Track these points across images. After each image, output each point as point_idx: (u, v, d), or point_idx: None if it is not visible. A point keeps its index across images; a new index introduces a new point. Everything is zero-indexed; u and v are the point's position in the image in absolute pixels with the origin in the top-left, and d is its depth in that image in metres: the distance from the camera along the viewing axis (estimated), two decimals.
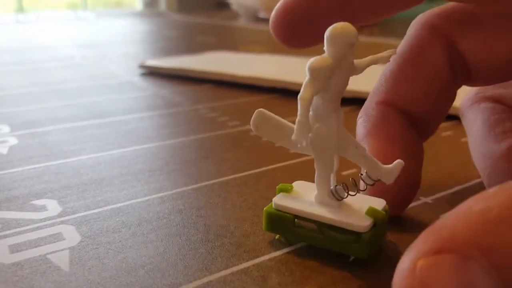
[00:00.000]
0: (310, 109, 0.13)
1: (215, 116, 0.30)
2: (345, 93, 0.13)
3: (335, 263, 0.14)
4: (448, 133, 0.26)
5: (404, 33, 0.17)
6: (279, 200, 0.14)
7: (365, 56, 0.14)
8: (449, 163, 0.22)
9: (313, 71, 0.12)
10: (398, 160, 0.14)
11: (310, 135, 0.13)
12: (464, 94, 0.19)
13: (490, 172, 0.17)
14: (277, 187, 0.15)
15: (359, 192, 0.14)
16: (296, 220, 0.14)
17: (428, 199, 0.18)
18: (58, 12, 1.36)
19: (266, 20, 0.95)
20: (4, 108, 0.31)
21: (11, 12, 1.42)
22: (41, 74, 0.43)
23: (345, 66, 0.12)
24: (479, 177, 0.20)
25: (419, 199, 0.18)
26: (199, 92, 0.37)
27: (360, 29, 0.15)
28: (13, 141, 0.25)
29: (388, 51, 0.13)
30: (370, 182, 0.14)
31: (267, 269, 0.14)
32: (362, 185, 0.14)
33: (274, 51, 0.51)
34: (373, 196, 0.15)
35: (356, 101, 0.33)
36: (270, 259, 0.14)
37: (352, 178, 0.14)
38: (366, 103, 0.17)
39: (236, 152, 0.23)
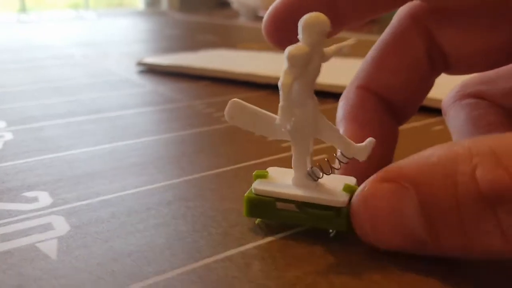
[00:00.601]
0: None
1: (211, 111, 0.30)
2: (335, 89, 0.14)
3: (318, 251, 0.14)
4: (439, 127, 0.26)
5: None
6: (258, 185, 0.15)
7: (365, 53, 0.14)
8: None
9: (291, 58, 0.13)
10: (369, 138, 0.14)
11: (293, 119, 0.13)
12: (447, 89, 0.19)
13: None
14: (253, 174, 0.15)
15: (333, 172, 0.15)
16: (276, 202, 0.15)
17: None
18: (60, 12, 1.37)
19: None
20: (2, 105, 0.32)
21: (13, 11, 1.43)
22: (40, 72, 0.44)
23: (318, 53, 0.13)
24: None
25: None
26: (196, 88, 0.37)
27: (360, 28, 0.16)
28: (8, 136, 0.25)
29: (350, 39, 0.14)
30: (345, 160, 0.14)
31: (251, 256, 0.14)
32: (337, 164, 0.15)
33: (273, 49, 0.51)
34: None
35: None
36: (254, 247, 0.14)
37: (326, 159, 0.15)
38: (347, 87, 0.18)
39: (229, 146, 0.24)
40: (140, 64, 0.44)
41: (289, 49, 0.12)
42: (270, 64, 0.41)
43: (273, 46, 0.16)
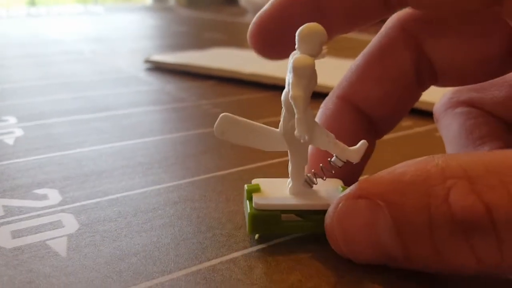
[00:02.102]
0: (283, 107, 0.14)
1: (217, 112, 0.31)
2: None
3: (321, 255, 0.14)
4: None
5: None
6: (259, 201, 0.15)
7: None
8: None
9: (300, 69, 0.13)
10: (362, 141, 0.14)
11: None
12: (440, 96, 0.19)
13: None
14: (246, 189, 0.15)
15: (328, 177, 0.15)
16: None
17: None
18: (69, 6, 1.38)
19: None
20: (12, 100, 0.32)
21: (23, 5, 1.44)
22: (50, 67, 0.44)
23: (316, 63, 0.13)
24: None
25: None
26: (203, 88, 0.37)
27: (366, 28, 0.16)
28: (19, 132, 0.26)
29: (324, 47, 0.14)
30: (340, 163, 0.15)
31: (254, 259, 0.14)
32: (327, 170, 0.15)
33: None
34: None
35: None
36: (258, 250, 0.15)
37: (320, 165, 0.15)
38: (329, 95, 0.17)
39: (235, 148, 0.24)
40: (147, 61, 0.44)
41: (295, 61, 0.13)
42: (277, 64, 0.42)
43: (258, 55, 0.16)
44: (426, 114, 0.29)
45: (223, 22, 0.93)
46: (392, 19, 0.17)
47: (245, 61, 0.44)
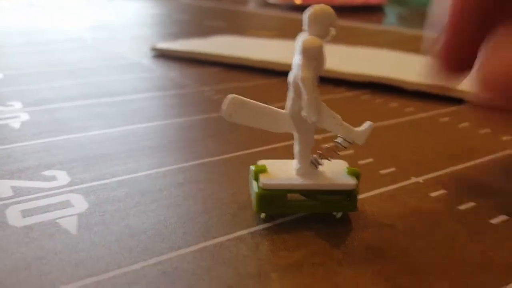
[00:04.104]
0: (291, 88, 0.14)
1: (221, 98, 0.31)
2: (361, 78, 0.14)
3: (325, 233, 0.15)
4: (446, 119, 0.27)
5: (418, 21, 0.17)
6: (266, 181, 0.15)
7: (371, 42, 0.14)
8: (445, 146, 0.23)
9: (309, 51, 0.13)
10: (368, 122, 0.15)
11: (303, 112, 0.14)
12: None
13: None
14: (253, 170, 0.15)
15: (334, 158, 0.16)
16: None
17: (420, 179, 0.19)
18: None
19: (275, 6, 0.95)
20: (17, 86, 0.32)
21: None
22: (53, 54, 0.44)
23: (325, 45, 0.13)
24: (472, 159, 0.21)
25: (409, 179, 0.19)
26: (207, 74, 0.38)
27: (369, 17, 0.16)
28: (25, 116, 0.26)
29: (332, 29, 0.14)
30: (346, 144, 0.15)
31: (260, 237, 0.15)
32: (333, 151, 0.15)
33: (283, 37, 0.51)
34: None
35: (371, 86, 0.34)
36: (264, 229, 0.15)
37: (326, 145, 0.15)
38: None
39: (239, 132, 0.24)
40: (153, 49, 0.44)
41: (303, 42, 0.13)
42: (281, 51, 0.42)
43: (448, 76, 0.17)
44: (431, 98, 0.30)
45: (225, 10, 0.93)
46: None
47: (248, 48, 0.44)
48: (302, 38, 0.13)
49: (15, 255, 0.14)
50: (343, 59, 0.38)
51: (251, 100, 0.15)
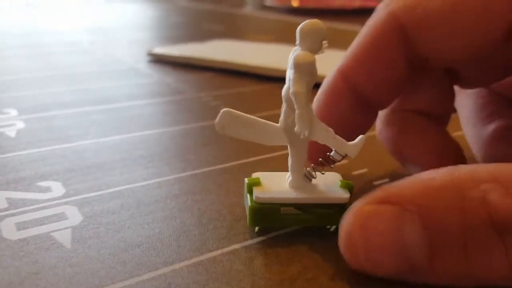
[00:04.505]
0: (284, 102, 0.14)
1: (217, 104, 0.31)
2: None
3: (319, 247, 0.15)
4: None
5: None
6: (260, 194, 0.15)
7: None
8: None
9: (300, 66, 0.13)
10: (361, 136, 0.15)
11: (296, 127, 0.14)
12: None
13: (483, 155, 0.18)
14: (246, 183, 0.15)
15: (326, 170, 0.16)
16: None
17: None
18: None
19: (272, 8, 0.95)
20: (12, 92, 0.32)
21: None
22: (49, 58, 0.44)
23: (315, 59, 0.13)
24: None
25: None
26: (203, 80, 0.38)
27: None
28: (20, 124, 0.26)
29: (324, 42, 0.14)
30: (339, 158, 0.15)
31: (254, 251, 0.15)
32: (326, 164, 0.15)
33: (281, 41, 0.51)
34: None
35: None
36: (258, 242, 0.15)
37: (319, 159, 0.15)
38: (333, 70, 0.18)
39: (235, 141, 0.24)
40: (150, 54, 0.44)
41: (296, 57, 0.13)
42: (278, 56, 0.42)
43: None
44: None
45: (222, 13, 0.93)
46: (386, 4, 0.16)
47: (245, 53, 0.44)
48: (295, 53, 0.13)
49: (10, 269, 0.14)
50: (333, 64, 0.38)
51: (244, 114, 0.15)
